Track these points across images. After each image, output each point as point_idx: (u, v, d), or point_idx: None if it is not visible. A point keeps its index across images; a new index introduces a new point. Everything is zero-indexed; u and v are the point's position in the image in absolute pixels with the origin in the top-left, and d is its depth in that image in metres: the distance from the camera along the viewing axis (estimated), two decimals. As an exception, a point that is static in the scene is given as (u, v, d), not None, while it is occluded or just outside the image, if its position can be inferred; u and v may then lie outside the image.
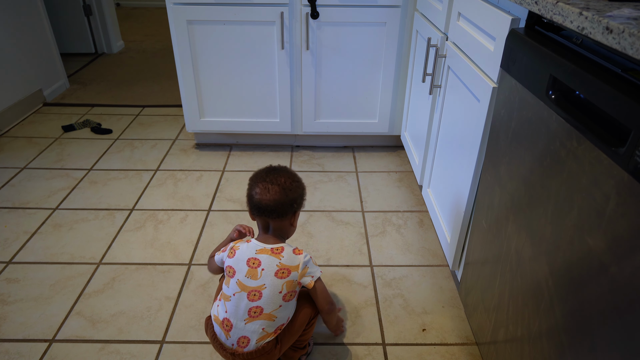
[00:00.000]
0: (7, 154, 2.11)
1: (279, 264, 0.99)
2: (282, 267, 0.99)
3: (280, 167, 1.06)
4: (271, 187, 1.01)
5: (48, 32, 2.75)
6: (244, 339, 0.98)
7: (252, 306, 0.97)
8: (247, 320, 0.98)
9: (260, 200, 1.01)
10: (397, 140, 2.20)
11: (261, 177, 1.03)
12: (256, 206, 1.02)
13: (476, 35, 1.14)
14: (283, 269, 0.99)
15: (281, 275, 0.99)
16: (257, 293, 0.97)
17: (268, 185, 1.01)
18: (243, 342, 0.98)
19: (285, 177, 1.03)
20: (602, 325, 0.62)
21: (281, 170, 1.05)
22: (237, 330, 0.98)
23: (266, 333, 0.98)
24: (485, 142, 1.08)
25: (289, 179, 1.03)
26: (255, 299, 0.97)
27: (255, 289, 0.98)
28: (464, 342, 1.22)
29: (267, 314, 0.97)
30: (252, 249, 1.01)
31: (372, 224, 1.68)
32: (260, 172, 1.04)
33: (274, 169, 1.05)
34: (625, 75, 0.61)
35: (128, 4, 5.38)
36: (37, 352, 1.18)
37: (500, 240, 0.96)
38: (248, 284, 0.98)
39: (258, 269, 0.99)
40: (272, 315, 0.98)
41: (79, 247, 1.55)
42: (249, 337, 0.98)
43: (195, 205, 1.77)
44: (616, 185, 0.59)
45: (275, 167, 1.06)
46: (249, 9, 1.79)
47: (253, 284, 0.98)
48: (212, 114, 2.05)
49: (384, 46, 1.88)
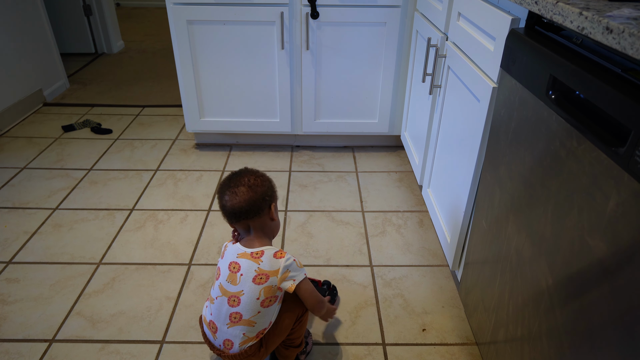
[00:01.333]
0: (7, 154, 2.11)
1: (257, 269, 0.98)
2: (260, 273, 0.98)
3: (240, 170, 1.05)
4: (238, 190, 1.00)
5: (48, 32, 2.75)
6: (228, 342, 1.00)
7: (232, 312, 0.99)
8: (228, 325, 1.00)
9: (232, 206, 0.99)
10: (397, 140, 2.20)
11: (225, 185, 1.02)
12: (230, 213, 1.00)
13: (476, 35, 1.14)
14: (261, 274, 0.98)
15: (259, 281, 0.98)
16: (236, 299, 0.99)
17: (234, 190, 1.00)
18: (228, 345, 1.01)
19: (248, 176, 1.02)
20: (602, 325, 0.62)
21: (242, 172, 1.04)
22: (222, 333, 1.01)
23: (247, 338, 1.00)
24: (485, 142, 1.08)
25: (252, 176, 1.03)
26: (234, 305, 0.99)
27: (234, 294, 0.99)
28: (464, 342, 1.22)
29: (246, 320, 0.99)
30: (235, 252, 1.02)
31: (372, 224, 1.68)
32: (223, 182, 1.03)
33: (235, 173, 1.05)
34: (625, 75, 0.61)
35: (128, 4, 5.38)
36: (37, 352, 1.18)
37: (500, 240, 0.96)
38: (228, 289, 1.00)
39: (237, 274, 0.99)
40: (252, 321, 0.99)
41: (79, 247, 1.55)
42: (232, 340, 1.00)
43: (195, 205, 1.77)
44: (616, 185, 0.59)
45: (235, 172, 1.05)
46: (249, 9, 1.79)
47: (232, 289, 0.99)
48: (212, 114, 2.05)
49: (384, 46, 1.88)
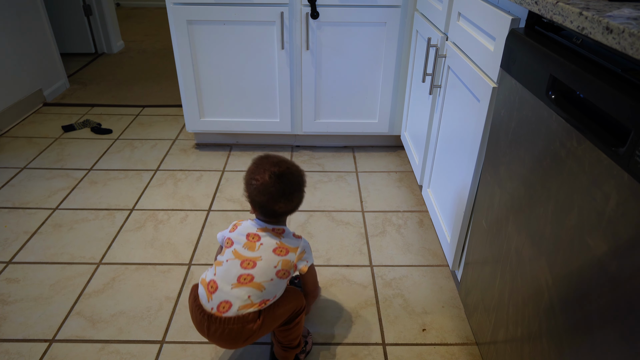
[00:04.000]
0: (7, 154, 2.11)
1: (278, 243, 1.02)
2: (280, 246, 1.02)
3: (289, 168, 1.03)
4: (293, 197, 1.02)
5: (48, 32, 2.75)
6: (226, 303, 0.96)
7: (244, 273, 0.97)
8: (234, 285, 0.97)
9: (285, 211, 1.03)
10: (397, 140, 2.20)
11: (280, 190, 1.00)
12: (278, 215, 1.04)
13: (476, 35, 1.14)
14: (282, 247, 1.01)
15: (279, 252, 1.01)
16: (251, 262, 0.98)
17: (290, 197, 1.02)
18: (224, 307, 0.96)
19: (298, 177, 1.03)
20: (602, 325, 0.62)
21: (292, 172, 1.03)
22: (221, 294, 0.97)
23: (251, 302, 0.96)
24: (485, 142, 1.08)
25: (301, 177, 1.04)
26: (248, 267, 0.98)
27: (250, 258, 0.99)
28: (464, 342, 1.22)
29: (257, 282, 0.97)
30: (254, 226, 1.04)
31: (372, 224, 1.68)
32: (275, 185, 1.00)
33: (285, 174, 1.01)
34: (625, 75, 0.61)
35: (128, 4, 5.38)
36: (37, 352, 1.18)
37: (500, 240, 0.96)
38: (244, 253, 0.99)
39: (257, 242, 1.01)
40: (262, 285, 0.97)
41: (79, 247, 1.55)
42: (232, 302, 0.96)
43: (195, 205, 1.77)
44: (616, 185, 0.59)
45: (284, 171, 1.01)
46: (249, 9, 1.79)
47: (249, 254, 0.99)
48: (212, 114, 2.05)
49: (384, 46, 1.88)
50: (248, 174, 1.03)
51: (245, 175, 1.04)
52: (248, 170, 1.04)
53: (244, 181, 1.04)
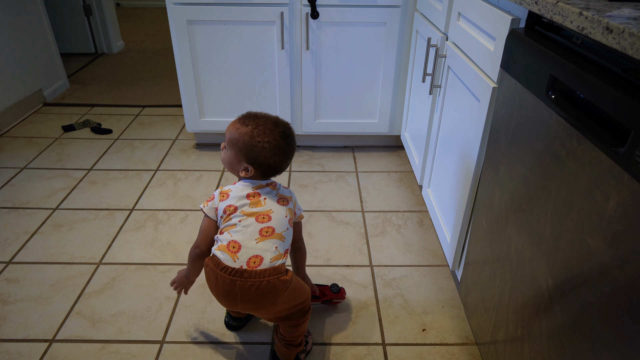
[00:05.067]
0: (7, 154, 2.11)
1: (277, 194, 1.02)
2: (280, 197, 1.02)
3: (285, 126, 1.02)
4: (291, 153, 1.02)
5: (48, 32, 2.75)
6: (256, 257, 0.93)
7: (263, 227, 0.96)
8: (258, 240, 0.94)
9: (285, 168, 1.03)
10: (397, 140, 2.20)
11: (285, 147, 1.00)
12: (279, 171, 1.03)
13: (476, 35, 1.14)
14: (281, 197, 1.02)
15: (282, 203, 1.01)
16: (266, 216, 0.97)
17: (290, 153, 1.02)
18: (255, 262, 0.93)
19: (291, 129, 1.03)
20: (602, 325, 0.62)
21: (289, 130, 1.02)
22: (247, 250, 0.94)
23: (279, 253, 0.96)
24: (485, 142, 1.08)
25: (291, 130, 1.03)
26: (265, 221, 0.96)
27: (263, 213, 0.97)
28: (464, 342, 1.22)
29: (278, 233, 0.97)
30: (248, 186, 1.01)
31: (372, 224, 1.68)
32: (282, 142, 1.00)
33: (287, 132, 1.01)
34: (625, 75, 0.61)
35: (128, 4, 5.38)
36: (37, 352, 1.18)
37: (500, 240, 0.96)
38: (254, 210, 0.97)
39: (260, 198, 0.99)
40: (282, 235, 0.98)
41: (79, 247, 1.55)
42: (262, 255, 0.94)
43: (196, 205, 1.77)
44: (616, 185, 0.59)
45: (285, 131, 1.01)
46: (249, 9, 1.79)
47: (259, 209, 0.98)
48: (212, 114, 2.05)
49: (384, 46, 1.88)
50: (248, 137, 0.98)
51: (243, 137, 0.99)
52: (244, 133, 0.99)
53: (241, 144, 0.99)
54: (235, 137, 1.00)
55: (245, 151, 0.99)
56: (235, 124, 1.02)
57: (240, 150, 1.00)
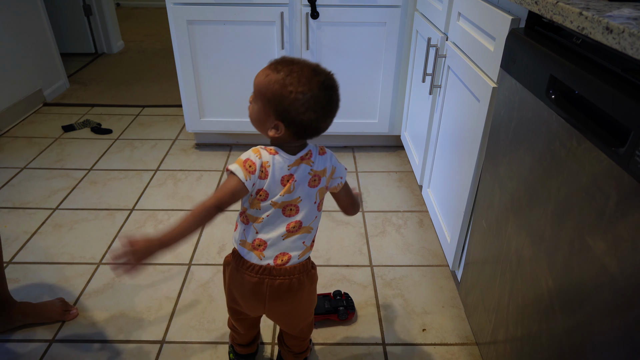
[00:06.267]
0: (7, 154, 2.11)
1: (311, 172, 0.86)
2: (314, 174, 0.87)
3: (329, 75, 0.83)
4: (328, 105, 0.82)
5: (48, 32, 2.75)
6: (283, 255, 0.88)
7: (291, 221, 0.87)
8: (285, 236, 0.87)
9: (326, 127, 0.85)
10: (397, 140, 2.20)
11: (328, 104, 0.81)
12: (308, 128, 0.83)
13: (476, 35, 1.14)
14: (315, 175, 0.87)
15: (313, 183, 0.87)
16: (294, 207, 0.87)
17: (334, 110, 0.83)
18: (283, 259, 0.88)
19: (334, 80, 0.83)
20: (602, 325, 0.62)
21: (333, 80, 0.83)
22: (275, 248, 0.88)
23: (306, 246, 0.90)
24: (485, 142, 1.08)
25: (334, 82, 0.83)
26: (292, 214, 0.87)
27: (290, 203, 0.86)
28: (464, 342, 1.22)
29: (305, 227, 0.89)
30: (285, 164, 0.85)
31: (372, 224, 1.68)
32: (324, 96, 0.80)
33: (329, 84, 0.81)
34: (625, 75, 0.61)
35: (128, 4, 5.38)
36: (37, 352, 1.18)
37: (500, 240, 0.96)
38: (284, 199, 0.86)
39: (292, 183, 0.85)
40: (310, 227, 0.90)
41: (79, 247, 1.54)
42: (289, 253, 0.88)
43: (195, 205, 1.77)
44: (616, 185, 0.59)
45: (327, 82, 0.81)
46: (249, 9, 1.79)
47: (287, 198, 0.86)
48: (212, 114, 2.05)
49: (384, 46, 1.88)
50: (278, 86, 0.79)
51: (272, 86, 0.80)
52: (274, 81, 0.80)
53: (269, 94, 0.80)
54: (263, 85, 0.81)
55: (274, 103, 0.80)
56: (265, 70, 0.83)
57: (268, 101, 0.81)
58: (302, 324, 1.02)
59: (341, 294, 1.30)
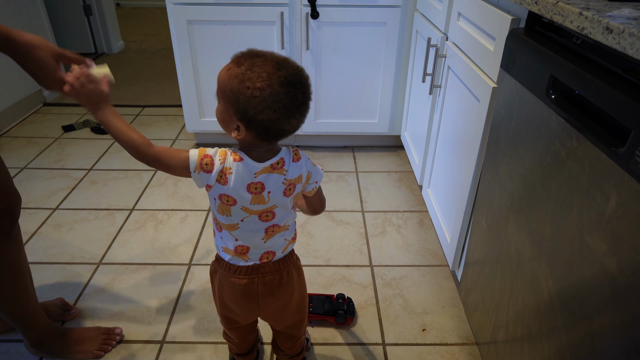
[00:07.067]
0: (7, 154, 2.11)
1: (285, 181, 0.81)
2: (288, 184, 0.82)
3: (299, 70, 0.75)
4: (305, 110, 0.76)
5: (48, 32, 2.75)
6: (268, 254, 0.88)
7: (268, 226, 0.85)
8: (265, 238, 0.86)
9: (294, 130, 0.78)
10: (397, 140, 2.20)
11: (295, 104, 0.73)
12: (285, 135, 0.77)
13: (476, 36, 1.14)
14: (289, 185, 0.82)
15: (289, 192, 0.83)
16: (270, 213, 0.84)
17: (304, 111, 0.76)
18: (268, 257, 0.88)
19: (304, 71, 0.75)
20: (602, 325, 0.62)
21: (303, 77, 0.75)
22: (257, 250, 0.87)
23: (288, 241, 0.90)
24: (485, 142, 1.08)
25: (305, 73, 0.76)
26: (269, 219, 0.84)
27: (266, 210, 0.83)
28: (464, 342, 1.22)
29: (282, 226, 0.87)
30: (250, 172, 0.79)
31: (372, 224, 1.68)
32: (292, 97, 0.72)
33: (299, 82, 0.73)
34: (625, 75, 0.61)
35: (128, 4, 5.38)
36: (37, 352, 1.18)
37: (500, 240, 0.96)
38: (257, 208, 0.82)
39: (264, 193, 0.81)
40: (287, 225, 0.89)
41: (79, 247, 1.54)
42: (273, 250, 0.88)
43: (195, 205, 1.77)
44: (616, 185, 0.59)
45: (298, 79, 0.73)
46: (249, 9, 1.79)
47: (262, 207, 0.82)
48: (212, 114, 2.05)
49: (384, 46, 1.88)
50: (237, 82, 0.71)
51: (231, 82, 0.72)
52: (233, 75, 0.72)
53: (228, 92, 0.73)
54: (224, 81, 0.74)
55: (232, 101, 0.73)
56: (229, 64, 0.75)
57: (228, 99, 0.73)
58: (297, 317, 1.00)
59: (344, 297, 1.29)
